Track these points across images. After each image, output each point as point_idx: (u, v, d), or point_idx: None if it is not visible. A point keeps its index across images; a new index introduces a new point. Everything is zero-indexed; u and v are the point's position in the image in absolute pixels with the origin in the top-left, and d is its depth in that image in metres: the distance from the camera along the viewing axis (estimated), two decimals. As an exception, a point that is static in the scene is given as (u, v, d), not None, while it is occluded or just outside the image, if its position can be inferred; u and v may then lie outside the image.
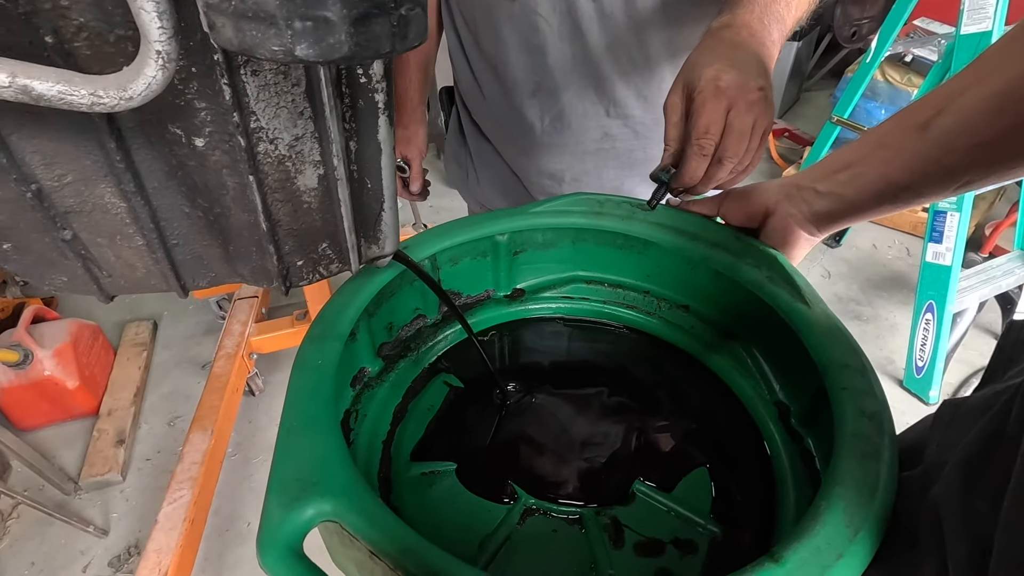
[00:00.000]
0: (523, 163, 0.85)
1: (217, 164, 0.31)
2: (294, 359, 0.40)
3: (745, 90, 0.47)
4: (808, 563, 0.29)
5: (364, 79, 0.32)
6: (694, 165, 0.50)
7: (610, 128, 0.78)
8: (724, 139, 0.48)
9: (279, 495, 0.31)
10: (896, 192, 0.41)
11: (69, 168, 0.30)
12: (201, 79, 0.28)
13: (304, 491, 0.31)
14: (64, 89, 0.22)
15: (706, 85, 0.47)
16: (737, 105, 0.47)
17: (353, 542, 0.31)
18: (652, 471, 0.49)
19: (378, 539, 0.30)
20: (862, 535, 0.30)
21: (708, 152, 0.49)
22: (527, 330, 0.62)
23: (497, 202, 0.93)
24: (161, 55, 0.23)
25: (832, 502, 0.32)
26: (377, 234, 0.40)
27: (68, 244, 0.33)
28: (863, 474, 0.33)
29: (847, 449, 0.35)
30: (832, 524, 0.31)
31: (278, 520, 0.30)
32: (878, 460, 0.34)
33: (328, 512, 0.31)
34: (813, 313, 0.45)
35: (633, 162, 0.81)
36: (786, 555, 0.29)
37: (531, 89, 0.76)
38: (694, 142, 0.48)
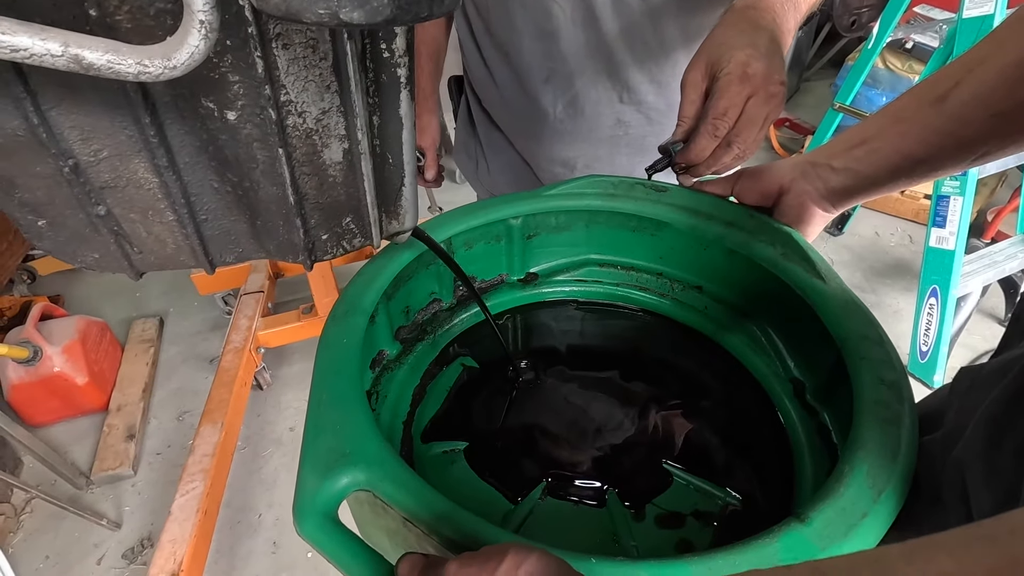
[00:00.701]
0: (535, 150, 0.85)
1: (248, 137, 0.32)
2: (320, 338, 0.40)
3: (769, 81, 0.47)
4: (834, 522, 0.30)
5: (387, 54, 0.33)
6: (704, 144, 0.50)
7: (623, 114, 0.79)
8: (738, 124, 0.48)
9: (313, 465, 0.32)
10: (913, 166, 0.42)
11: (105, 143, 0.31)
12: (235, 52, 0.28)
13: (337, 461, 0.32)
14: (112, 58, 0.23)
15: (735, 68, 0.47)
16: (758, 94, 0.47)
17: (386, 511, 0.32)
18: (669, 449, 0.49)
19: (412, 506, 0.30)
20: (886, 495, 0.31)
21: (721, 134, 0.49)
22: (541, 313, 0.63)
23: (507, 191, 0.93)
24: (204, 24, 0.23)
25: (855, 465, 0.32)
26: (398, 209, 0.41)
27: (102, 220, 0.34)
28: (885, 438, 0.34)
29: (868, 416, 0.35)
30: (856, 486, 0.31)
31: (314, 488, 0.31)
32: (899, 425, 0.35)
33: (362, 481, 0.32)
34: (829, 288, 0.46)
35: (646, 148, 0.82)
36: (812, 515, 0.30)
37: (544, 76, 0.76)
38: (710, 121, 0.49)
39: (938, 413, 0.38)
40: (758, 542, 0.29)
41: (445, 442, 0.51)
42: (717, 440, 0.50)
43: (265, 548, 1.33)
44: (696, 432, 0.50)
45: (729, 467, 0.48)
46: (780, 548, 0.29)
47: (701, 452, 0.49)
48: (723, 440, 0.50)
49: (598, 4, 0.69)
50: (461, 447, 0.50)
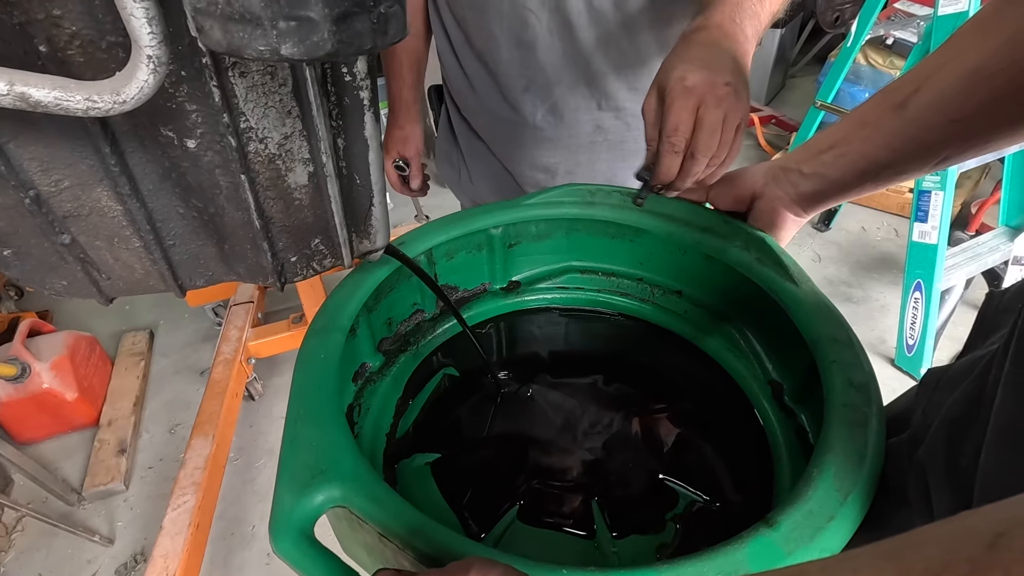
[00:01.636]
0: (516, 158, 0.86)
1: (210, 164, 0.32)
2: (298, 353, 0.40)
3: (713, 86, 0.48)
4: (801, 525, 0.30)
5: (349, 77, 0.33)
6: (667, 162, 0.51)
7: (602, 121, 0.79)
8: (695, 135, 0.49)
9: (289, 482, 0.32)
10: (878, 170, 0.42)
11: (66, 173, 0.31)
12: (191, 82, 0.28)
13: (313, 478, 0.32)
14: (60, 95, 0.23)
15: (674, 85, 0.49)
16: (706, 102, 0.48)
17: (362, 526, 0.32)
18: (652, 454, 0.50)
19: (386, 520, 0.31)
20: (852, 498, 0.31)
21: (679, 148, 0.50)
22: (524, 321, 0.63)
23: (490, 198, 0.94)
24: (152, 59, 0.24)
25: (823, 469, 0.33)
26: (368, 229, 0.41)
27: (67, 248, 0.34)
28: (852, 442, 0.34)
29: (837, 418, 0.36)
30: (823, 489, 0.32)
31: (289, 506, 0.31)
32: (866, 428, 0.35)
33: (337, 497, 0.32)
34: (801, 291, 0.46)
35: (625, 152, 0.83)
36: (780, 519, 0.30)
37: (523, 85, 0.77)
38: (665, 139, 0.50)
39: (906, 414, 0.38)
40: (727, 548, 0.30)
41: (427, 454, 0.51)
42: (698, 443, 0.50)
43: (259, 559, 1.32)
44: (678, 436, 0.51)
45: (710, 470, 0.48)
46: (748, 555, 0.29)
47: (683, 456, 0.49)
48: (704, 443, 0.50)
49: (574, 14, 0.69)
50: (438, 458, 0.50)
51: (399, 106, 0.95)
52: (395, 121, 0.96)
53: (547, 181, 0.86)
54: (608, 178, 0.84)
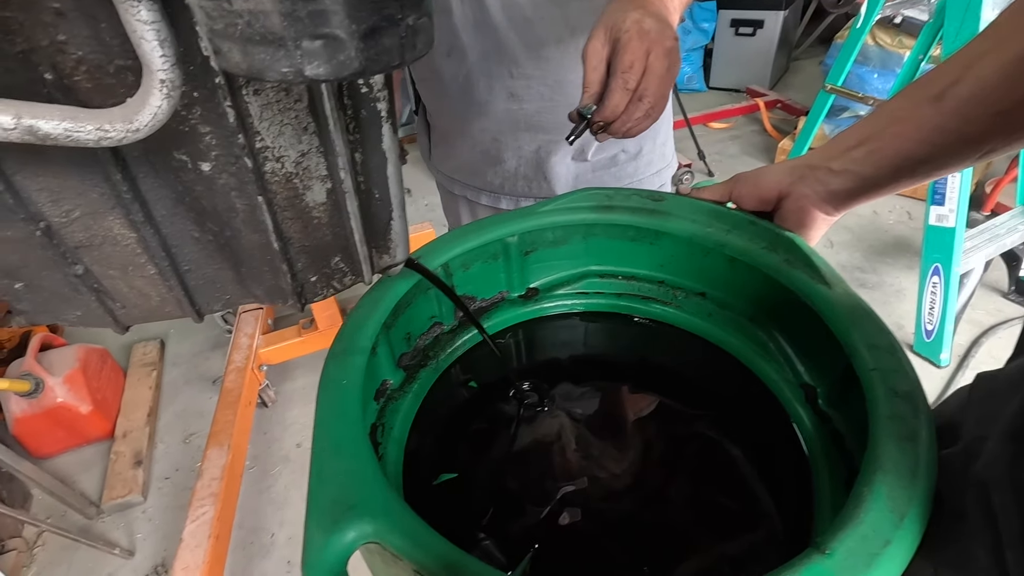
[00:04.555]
0: (449, 127, 0.88)
1: (225, 187, 0.30)
2: (320, 379, 0.39)
3: (663, 37, 0.52)
4: (856, 552, 0.29)
5: (365, 89, 0.31)
6: (617, 99, 0.53)
7: (515, 89, 0.79)
8: (645, 78, 0.52)
9: (319, 519, 0.31)
10: (914, 166, 0.40)
11: (76, 203, 0.29)
12: (204, 103, 0.27)
13: (343, 514, 0.31)
14: (70, 126, 0.21)
15: (631, 26, 0.51)
16: (656, 49, 0.52)
17: (396, 561, 0.31)
18: (683, 465, 0.48)
19: (422, 558, 0.29)
20: (908, 519, 0.30)
21: (631, 87, 0.53)
22: (543, 328, 0.62)
23: (457, 172, 0.94)
24: (165, 84, 0.22)
25: (874, 488, 0.31)
26: (388, 243, 0.40)
27: (80, 279, 0.32)
28: (902, 457, 0.33)
29: (883, 432, 0.34)
30: (876, 510, 0.30)
31: (320, 544, 0.30)
32: (916, 441, 0.33)
33: (369, 533, 0.30)
34: (835, 294, 0.44)
35: (544, 126, 0.82)
36: (833, 545, 0.29)
37: (446, 50, 0.78)
38: (619, 75, 0.52)
39: (955, 424, 0.37)
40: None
41: (448, 474, 0.50)
42: (731, 450, 0.49)
43: (279, 568, 1.32)
44: (710, 443, 0.49)
45: (743, 478, 0.47)
46: (803, 585, 0.28)
47: (717, 466, 0.48)
48: (737, 450, 0.49)
49: None
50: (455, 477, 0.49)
51: None
52: None
53: (488, 147, 0.86)
54: (533, 152, 0.85)
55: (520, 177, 0.88)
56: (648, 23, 0.52)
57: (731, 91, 3.47)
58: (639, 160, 0.88)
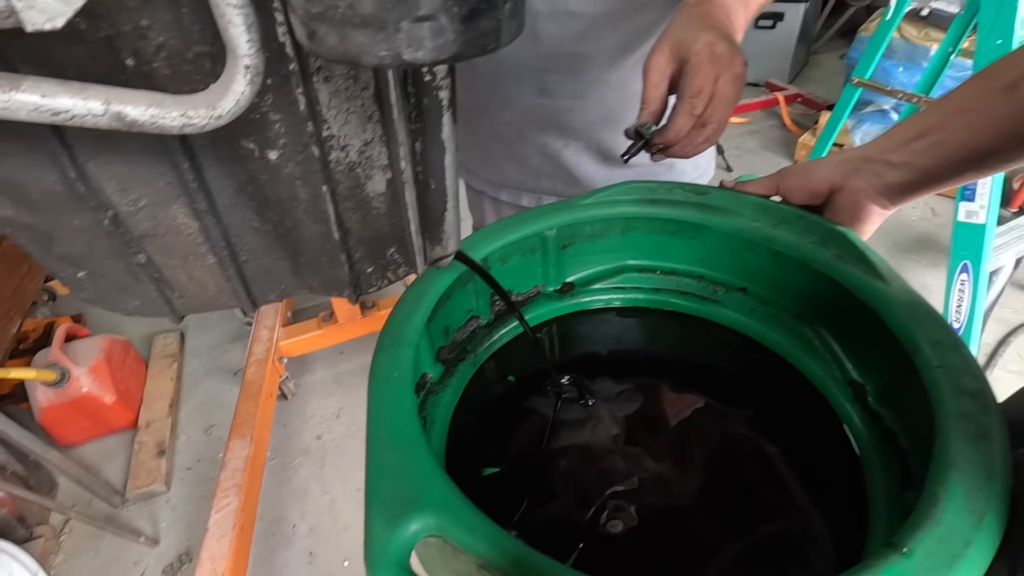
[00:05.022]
0: (480, 117, 0.85)
1: (290, 176, 0.30)
2: (370, 372, 0.39)
3: (733, 63, 0.50)
4: (936, 553, 0.28)
5: (429, 76, 0.31)
6: (681, 123, 0.52)
7: (547, 83, 0.77)
8: (711, 104, 0.51)
9: (380, 513, 0.31)
10: (981, 158, 0.39)
11: (143, 192, 0.29)
12: (276, 90, 0.27)
13: (405, 507, 0.31)
14: (156, 112, 0.21)
15: (703, 49, 0.49)
16: (725, 75, 0.50)
17: (457, 555, 0.31)
18: (730, 466, 0.48)
19: (487, 552, 0.29)
20: (988, 520, 0.29)
21: (698, 111, 0.51)
22: (580, 324, 0.61)
23: (479, 166, 0.92)
24: (250, 69, 0.22)
25: (949, 487, 0.31)
26: (440, 234, 0.39)
27: (142, 268, 0.32)
28: (976, 456, 0.32)
29: (954, 431, 0.33)
30: (953, 511, 0.30)
31: (384, 538, 0.29)
32: (989, 440, 0.33)
33: (432, 526, 0.30)
34: (892, 290, 0.43)
35: (571, 126, 0.80)
36: (912, 545, 0.28)
37: None
38: (687, 100, 0.51)
39: (1021, 423, 0.36)
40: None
41: (491, 468, 0.50)
42: (779, 451, 0.48)
43: (301, 559, 1.33)
44: (757, 444, 0.49)
45: (795, 479, 0.46)
46: (882, 586, 0.27)
47: (764, 465, 0.47)
48: (785, 451, 0.48)
49: None
50: (499, 470, 0.49)
51: None
52: None
53: (511, 139, 0.84)
54: (556, 151, 0.83)
55: (543, 175, 0.86)
56: (720, 47, 0.50)
57: (750, 85, 3.43)
58: (672, 170, 0.86)
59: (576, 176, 0.85)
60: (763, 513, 0.45)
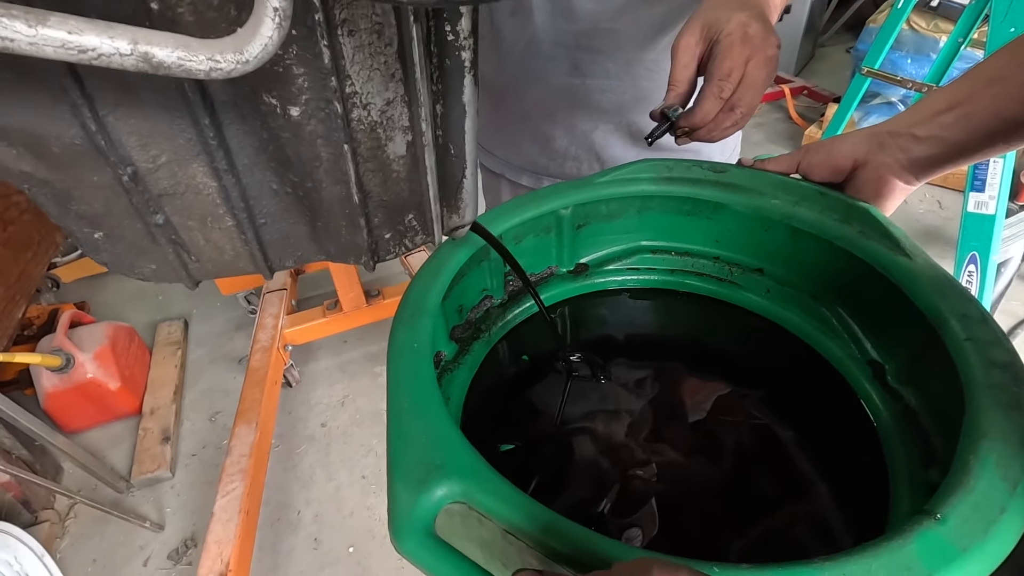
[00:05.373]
0: (507, 95, 0.83)
1: (312, 134, 0.30)
2: (389, 343, 0.38)
3: (767, 44, 0.48)
4: (970, 519, 0.28)
5: (452, 36, 0.30)
6: (709, 106, 0.50)
7: (580, 61, 0.75)
8: (740, 88, 0.49)
9: (405, 479, 0.30)
10: (1012, 129, 0.39)
11: (164, 148, 0.29)
12: (301, 42, 0.26)
13: (430, 473, 0.30)
14: (183, 55, 0.21)
15: (735, 29, 0.48)
16: (756, 57, 0.48)
17: (482, 523, 0.30)
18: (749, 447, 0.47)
19: (514, 518, 0.29)
20: (1022, 487, 0.29)
21: (726, 95, 0.49)
22: (594, 305, 0.61)
23: (499, 147, 0.90)
24: (279, 12, 0.21)
25: (981, 456, 0.30)
26: (458, 203, 0.39)
27: (160, 229, 0.32)
28: (1009, 425, 0.31)
29: (985, 401, 0.33)
30: (987, 479, 0.29)
31: (409, 504, 0.29)
32: (1021, 410, 0.32)
33: (458, 493, 0.30)
34: (917, 265, 0.43)
35: (603, 107, 0.78)
36: (946, 512, 0.28)
37: (510, 8, 0.74)
38: (715, 82, 0.49)
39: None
40: (891, 543, 0.27)
41: (507, 444, 0.49)
42: (798, 433, 0.48)
43: (306, 545, 1.33)
44: (776, 426, 0.48)
45: (816, 459, 0.46)
46: (917, 550, 0.27)
47: (785, 446, 0.47)
48: (804, 432, 0.47)
49: None
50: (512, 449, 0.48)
51: None
52: None
53: (537, 122, 0.82)
54: (586, 132, 0.81)
55: (570, 158, 0.84)
56: (754, 28, 0.48)
57: (755, 78, 3.40)
58: (699, 155, 0.85)
59: (604, 159, 0.83)
60: (783, 495, 0.44)
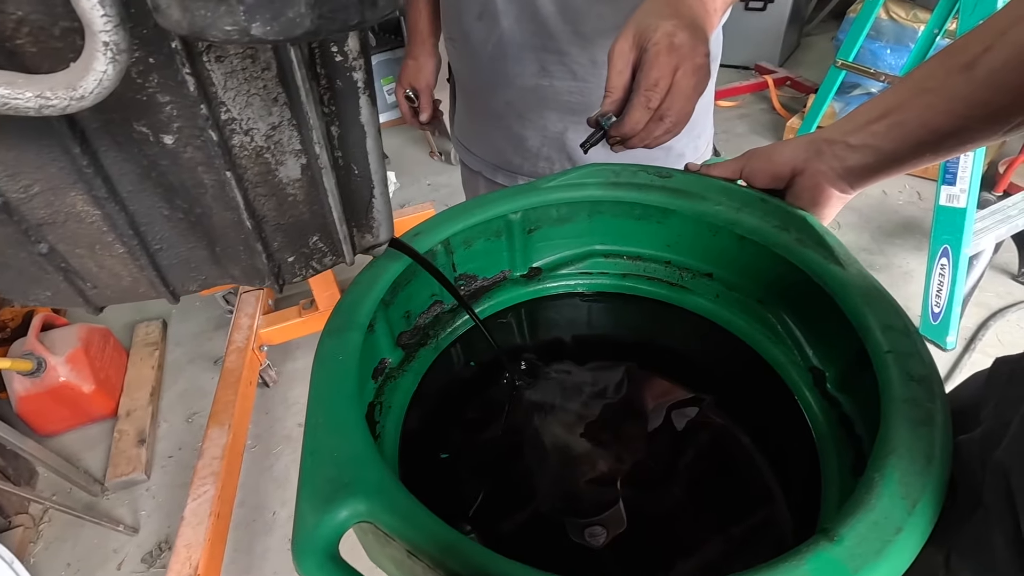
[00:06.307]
0: (479, 96, 0.84)
1: (191, 162, 0.28)
2: (315, 356, 0.38)
3: (694, 53, 0.48)
4: (866, 539, 0.27)
5: (340, 57, 0.29)
6: (637, 116, 0.50)
7: (547, 63, 0.75)
8: (669, 97, 0.49)
9: (311, 498, 0.30)
10: (939, 140, 0.38)
11: (35, 177, 0.27)
12: (161, 70, 0.25)
13: (336, 492, 0.30)
14: (6, 92, 0.19)
15: (661, 39, 0.47)
16: (684, 66, 0.48)
17: (390, 541, 0.30)
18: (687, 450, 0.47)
19: (416, 538, 0.28)
20: (921, 506, 0.28)
21: (654, 105, 0.49)
22: (546, 308, 0.60)
23: (476, 146, 0.91)
24: (109, 46, 0.20)
25: (886, 473, 0.30)
26: (370, 222, 0.38)
27: (46, 258, 0.31)
28: (916, 441, 0.31)
29: (897, 416, 0.32)
30: (888, 496, 0.29)
31: (312, 524, 0.28)
32: (931, 426, 0.32)
33: (363, 512, 0.29)
34: (848, 274, 0.42)
35: (573, 107, 0.78)
36: (842, 532, 0.27)
37: (477, 12, 0.74)
38: (642, 93, 0.49)
39: (972, 408, 0.35)
40: (785, 564, 0.27)
41: (441, 453, 0.49)
42: (737, 435, 0.47)
43: (282, 545, 1.33)
44: (715, 427, 0.48)
45: (750, 464, 0.45)
46: (810, 571, 0.26)
47: (723, 450, 0.46)
48: (743, 435, 0.47)
49: None
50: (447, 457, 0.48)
51: (414, 37, 0.94)
52: (410, 51, 0.96)
53: (509, 120, 0.82)
54: (559, 132, 0.81)
55: (542, 158, 0.84)
56: (680, 37, 0.47)
57: (739, 68, 3.38)
58: (670, 153, 0.84)
59: (575, 160, 0.83)
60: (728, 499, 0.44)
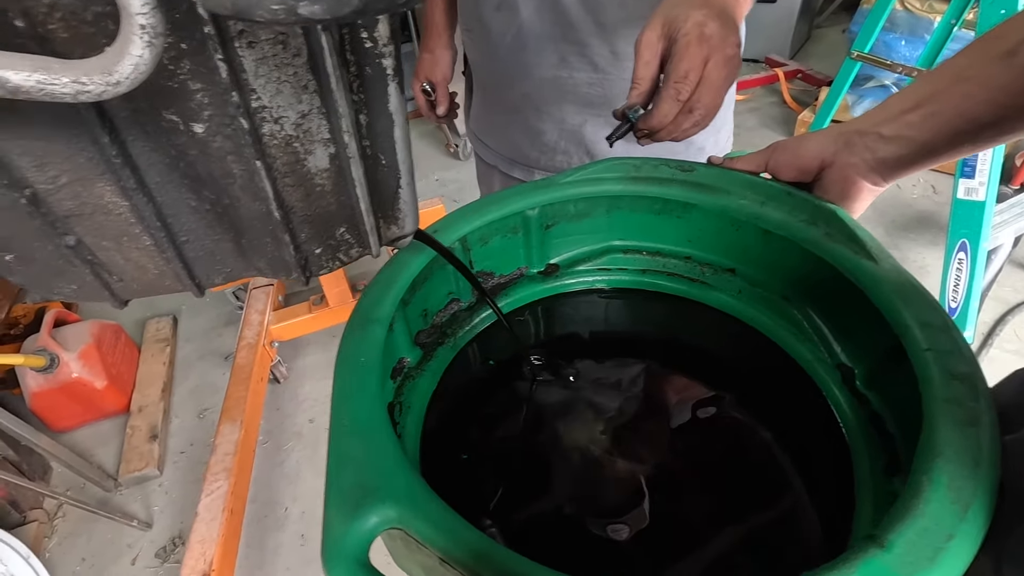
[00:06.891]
0: (497, 88, 0.83)
1: (220, 151, 0.28)
2: (337, 355, 0.37)
3: (725, 44, 0.47)
4: (917, 546, 0.26)
5: (370, 43, 0.28)
6: (666, 109, 0.49)
7: (566, 54, 0.74)
8: (699, 89, 0.48)
9: (339, 504, 0.29)
10: (978, 130, 0.37)
11: (63, 168, 0.27)
12: (193, 56, 0.24)
13: (365, 498, 0.29)
14: (43, 78, 0.19)
15: (692, 29, 0.46)
16: (715, 57, 0.47)
17: (420, 548, 0.29)
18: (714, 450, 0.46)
19: (448, 546, 0.28)
20: (973, 511, 0.27)
21: (684, 97, 0.48)
22: (564, 306, 0.59)
23: (492, 139, 0.90)
24: (146, 29, 0.19)
25: (934, 476, 0.29)
26: (396, 213, 0.37)
27: (73, 250, 0.30)
28: (964, 443, 0.30)
29: (941, 416, 0.31)
30: (937, 501, 0.28)
31: (341, 531, 0.28)
32: (977, 426, 0.31)
33: (393, 519, 0.29)
34: (882, 269, 0.41)
35: (592, 100, 0.77)
36: (891, 539, 0.27)
37: (496, 2, 0.73)
38: (672, 84, 0.48)
39: (1015, 408, 0.34)
40: (835, 572, 0.26)
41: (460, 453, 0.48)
42: (766, 436, 0.46)
43: (293, 541, 1.33)
44: (743, 427, 0.47)
45: (778, 464, 0.44)
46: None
47: (750, 450, 0.45)
48: (770, 434, 0.46)
49: None
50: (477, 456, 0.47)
51: (430, 29, 0.93)
52: (425, 44, 0.95)
53: (528, 115, 0.81)
54: (578, 125, 0.80)
55: (559, 152, 0.83)
56: (711, 27, 0.46)
57: (750, 61, 3.35)
58: (690, 147, 0.83)
59: (594, 154, 0.82)
60: (753, 499, 0.43)
